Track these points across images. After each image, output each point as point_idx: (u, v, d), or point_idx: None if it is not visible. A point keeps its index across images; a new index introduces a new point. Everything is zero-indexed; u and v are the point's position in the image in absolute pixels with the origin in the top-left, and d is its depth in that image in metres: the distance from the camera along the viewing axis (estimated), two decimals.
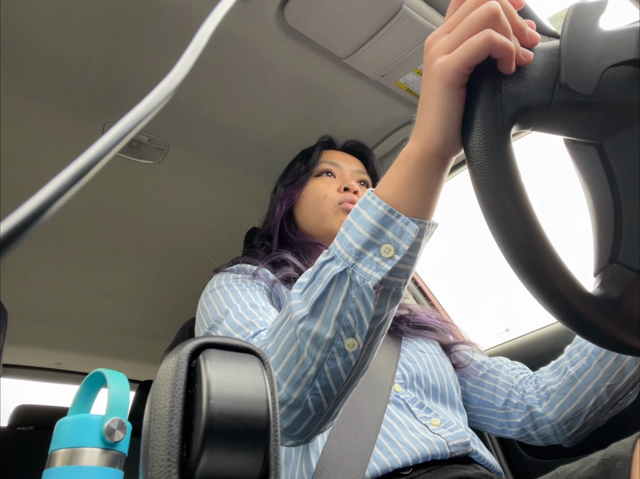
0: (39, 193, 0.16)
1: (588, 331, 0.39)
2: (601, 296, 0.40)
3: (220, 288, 0.76)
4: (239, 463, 0.22)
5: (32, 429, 1.53)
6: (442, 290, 1.46)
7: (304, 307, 0.50)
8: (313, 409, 0.52)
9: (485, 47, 0.38)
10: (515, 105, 0.38)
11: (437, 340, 0.90)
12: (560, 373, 0.79)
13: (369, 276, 0.46)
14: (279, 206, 0.96)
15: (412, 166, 0.46)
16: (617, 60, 0.37)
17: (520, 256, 0.37)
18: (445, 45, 0.41)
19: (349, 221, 0.49)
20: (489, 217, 0.39)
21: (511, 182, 0.37)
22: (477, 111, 0.39)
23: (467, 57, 0.39)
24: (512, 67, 0.39)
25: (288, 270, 0.82)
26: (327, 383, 0.50)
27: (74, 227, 1.34)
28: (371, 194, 0.48)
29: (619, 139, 0.39)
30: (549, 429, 0.80)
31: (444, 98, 0.41)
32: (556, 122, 0.40)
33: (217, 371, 0.23)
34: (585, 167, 0.42)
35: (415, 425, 0.69)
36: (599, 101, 0.37)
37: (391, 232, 0.46)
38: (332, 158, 0.99)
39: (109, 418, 0.39)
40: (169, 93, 0.21)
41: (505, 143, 0.38)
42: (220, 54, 0.93)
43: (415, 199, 0.47)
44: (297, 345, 0.50)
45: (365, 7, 0.84)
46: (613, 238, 0.41)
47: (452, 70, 0.40)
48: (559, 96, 0.38)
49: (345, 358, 0.49)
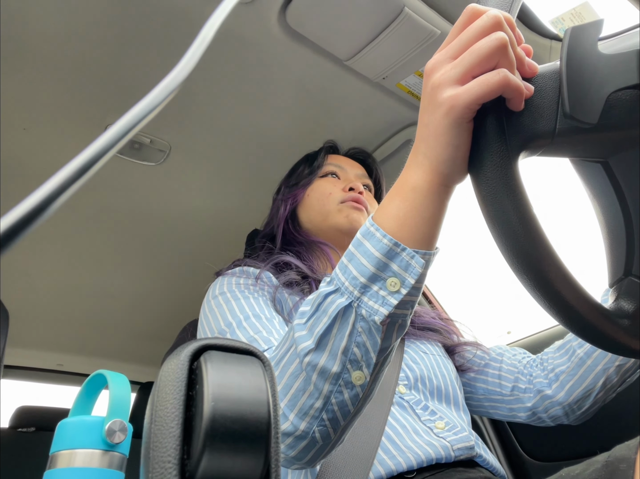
0: (39, 189, 0.16)
1: (608, 344, 0.40)
2: (617, 309, 0.40)
3: (223, 295, 0.76)
4: (240, 465, 0.22)
5: (33, 430, 1.53)
6: (444, 292, 1.46)
7: (309, 340, 0.49)
8: (320, 439, 0.51)
9: (500, 88, 0.37)
10: (520, 136, 0.38)
11: (440, 341, 0.90)
12: (568, 354, 0.80)
13: (376, 311, 0.45)
14: (283, 206, 0.96)
15: (418, 199, 0.45)
16: (619, 86, 0.37)
17: (536, 281, 0.37)
18: (453, 75, 0.40)
19: (352, 252, 0.48)
20: (500, 243, 0.38)
21: (521, 210, 0.37)
22: (483, 146, 0.39)
23: (481, 95, 0.38)
24: (522, 106, 0.39)
25: (290, 274, 0.81)
26: (334, 414, 0.50)
27: (75, 228, 1.34)
28: (374, 225, 0.47)
29: (624, 156, 0.40)
30: (560, 410, 0.80)
31: (453, 132, 0.40)
32: (562, 147, 0.40)
33: (218, 373, 0.23)
34: (592, 183, 0.42)
35: (420, 428, 0.69)
36: (604, 125, 0.37)
37: (396, 266, 0.45)
38: (336, 161, 1.01)
39: (110, 419, 0.39)
40: (168, 93, 0.21)
41: (512, 174, 0.38)
42: (223, 56, 0.93)
43: (421, 231, 0.45)
44: (303, 377, 0.49)
45: (366, 9, 0.84)
46: (626, 251, 0.41)
47: (464, 107, 0.39)
48: (563, 124, 0.38)
49: (353, 390, 0.49)
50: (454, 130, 0.40)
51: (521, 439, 1.20)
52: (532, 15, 0.89)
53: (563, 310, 0.38)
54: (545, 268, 0.37)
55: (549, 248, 0.37)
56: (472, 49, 0.39)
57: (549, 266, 0.37)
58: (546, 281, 0.37)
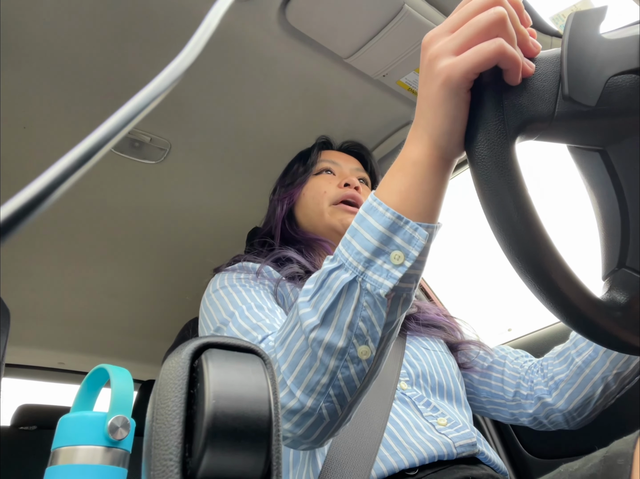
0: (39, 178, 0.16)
1: (599, 336, 0.39)
2: (610, 301, 0.40)
3: (223, 289, 0.75)
4: (241, 463, 0.22)
5: (35, 428, 1.53)
6: (445, 289, 1.46)
7: (314, 316, 0.49)
8: (327, 416, 0.51)
9: (496, 56, 0.38)
10: (518, 117, 0.38)
11: (444, 338, 0.90)
12: (567, 363, 0.80)
13: (380, 284, 0.46)
14: (280, 206, 0.96)
15: (418, 172, 0.46)
16: (620, 70, 0.37)
17: (527, 263, 0.37)
18: (450, 46, 0.40)
19: (355, 227, 0.48)
20: (494, 225, 0.38)
21: (516, 192, 0.37)
22: (480, 124, 0.39)
23: (477, 63, 0.38)
24: (519, 78, 0.39)
25: (293, 267, 0.81)
26: (341, 390, 0.50)
27: (76, 227, 1.34)
28: (377, 200, 0.47)
29: (622, 145, 0.39)
30: (560, 417, 0.81)
31: (451, 103, 0.41)
32: (560, 132, 0.39)
33: (220, 371, 0.23)
34: (589, 172, 0.42)
35: (422, 424, 0.69)
36: (602, 110, 0.37)
37: (400, 239, 0.46)
38: (330, 157, 0.99)
39: (113, 415, 0.38)
40: (165, 88, 0.21)
41: (509, 155, 0.38)
42: (222, 53, 0.93)
43: (423, 204, 0.46)
44: (309, 353, 0.50)
45: (366, 6, 0.84)
46: (620, 242, 0.41)
47: (460, 75, 0.39)
48: (562, 107, 0.38)
49: (359, 365, 0.49)
50: (452, 100, 0.41)
51: (522, 437, 1.20)
52: (533, 11, 0.89)
53: (554, 296, 0.37)
54: (538, 251, 0.37)
55: (542, 231, 0.37)
56: (471, 22, 0.40)
57: (543, 249, 0.37)
58: (538, 266, 0.37)
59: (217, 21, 0.25)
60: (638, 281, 0.40)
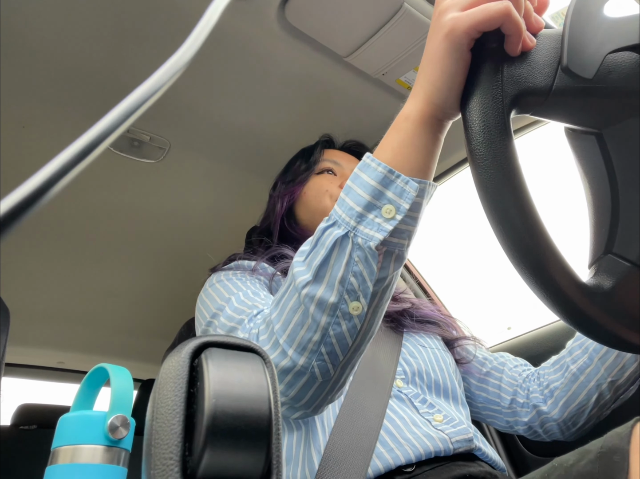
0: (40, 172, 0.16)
1: (582, 323, 0.39)
2: (595, 286, 0.40)
3: (220, 282, 0.76)
4: (241, 461, 0.22)
5: (35, 428, 1.54)
6: (444, 287, 1.46)
7: (307, 273, 0.50)
8: (320, 375, 0.51)
9: (501, 17, 0.39)
10: (516, 87, 0.38)
11: (440, 334, 0.90)
12: (562, 370, 0.80)
13: (371, 237, 0.46)
14: (280, 202, 0.96)
15: (410, 128, 0.47)
16: (619, 46, 0.37)
17: (515, 240, 0.37)
18: (460, 2, 0.41)
19: (349, 185, 0.50)
20: (484, 196, 0.38)
21: (508, 163, 0.37)
22: (477, 88, 0.39)
23: (481, 20, 0.39)
24: (519, 48, 0.39)
25: (288, 262, 0.81)
26: (332, 348, 0.50)
27: (75, 226, 1.34)
28: (370, 157, 0.49)
29: (619, 128, 0.39)
30: (555, 426, 0.80)
31: (450, 58, 0.41)
32: (556, 108, 0.40)
33: (219, 370, 0.23)
34: (584, 156, 0.42)
35: (418, 420, 0.69)
36: (600, 87, 0.37)
37: (391, 192, 0.47)
38: (333, 157, 0.99)
39: (112, 414, 0.38)
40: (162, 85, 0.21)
41: (503, 124, 0.38)
42: (221, 52, 0.93)
43: (415, 159, 0.47)
44: (301, 310, 0.50)
45: (366, 5, 0.84)
46: (609, 228, 0.41)
47: (463, 30, 0.40)
48: (560, 81, 0.38)
49: (350, 321, 0.49)
50: (452, 56, 0.41)
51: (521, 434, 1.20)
52: None
53: (543, 283, 0.37)
54: (526, 227, 0.37)
55: (532, 206, 0.37)
56: None
57: (530, 224, 0.37)
58: (525, 240, 0.37)
59: (216, 17, 0.25)
60: (623, 268, 0.40)
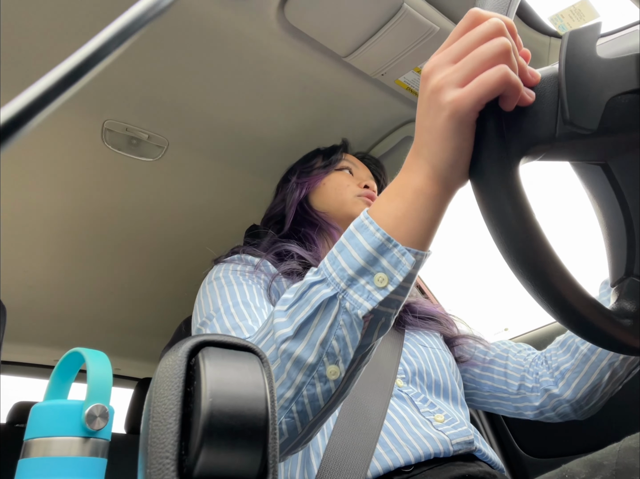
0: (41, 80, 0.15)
1: (612, 345, 0.40)
2: (620, 310, 0.40)
3: (217, 281, 0.76)
4: (238, 461, 0.22)
5: None
6: (441, 288, 1.46)
7: (288, 327, 0.48)
8: (286, 432, 0.50)
9: (502, 85, 0.37)
10: (520, 142, 0.38)
11: (441, 331, 0.90)
12: (572, 351, 0.79)
13: (359, 304, 0.45)
14: (299, 189, 0.98)
15: (420, 201, 0.44)
16: (619, 92, 0.37)
17: (539, 285, 0.37)
18: (455, 78, 0.39)
19: (343, 243, 0.47)
20: (505, 252, 0.38)
21: (522, 216, 0.37)
22: (483, 152, 0.38)
23: (484, 95, 0.37)
24: (514, 105, 0.38)
25: (291, 264, 0.81)
26: (304, 407, 0.49)
27: (73, 224, 1.34)
28: (369, 218, 0.46)
29: (624, 159, 0.40)
30: (568, 407, 0.80)
31: (460, 136, 0.39)
32: (562, 152, 0.39)
33: (216, 369, 0.23)
34: (592, 184, 0.42)
35: (419, 420, 0.69)
36: (603, 130, 0.37)
37: (386, 261, 0.44)
38: (351, 159, 1.05)
39: (90, 404, 0.35)
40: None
41: (513, 180, 0.37)
42: (220, 51, 0.92)
43: (417, 232, 0.45)
44: (277, 364, 0.48)
45: (366, 5, 0.84)
46: (627, 251, 0.41)
47: (469, 109, 0.38)
48: (562, 129, 0.37)
49: (326, 384, 0.48)
50: (460, 134, 0.39)
51: (517, 435, 1.21)
52: (531, 11, 0.89)
53: (567, 313, 0.38)
54: (548, 272, 0.37)
55: (551, 252, 0.37)
56: (475, 53, 0.38)
57: (552, 270, 0.37)
58: (548, 285, 0.37)
59: None
60: None
